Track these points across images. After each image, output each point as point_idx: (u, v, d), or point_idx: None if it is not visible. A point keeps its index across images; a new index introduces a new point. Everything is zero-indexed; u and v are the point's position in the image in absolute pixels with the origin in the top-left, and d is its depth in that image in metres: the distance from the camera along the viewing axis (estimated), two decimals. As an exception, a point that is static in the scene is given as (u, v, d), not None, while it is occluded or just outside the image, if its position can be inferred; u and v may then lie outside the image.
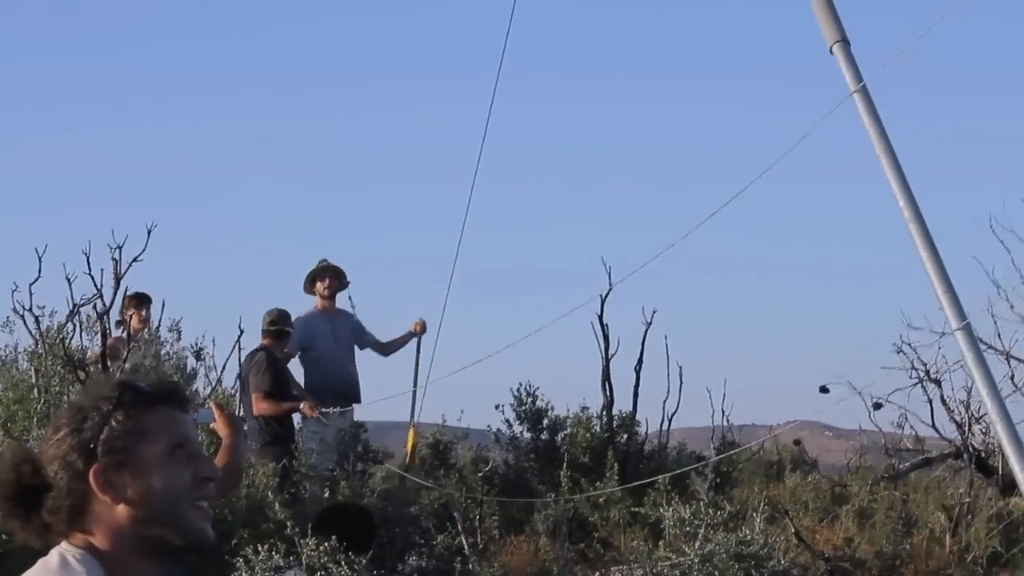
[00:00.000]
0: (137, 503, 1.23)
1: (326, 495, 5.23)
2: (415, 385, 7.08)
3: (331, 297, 7.18)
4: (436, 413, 7.35)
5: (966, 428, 7.55)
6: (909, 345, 7.90)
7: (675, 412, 7.24)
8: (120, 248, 5.31)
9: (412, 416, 7.08)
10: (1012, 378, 7.90)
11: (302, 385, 6.87)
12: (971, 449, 7.46)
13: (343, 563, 3.65)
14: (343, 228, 50.95)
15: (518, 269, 49.11)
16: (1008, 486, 6.31)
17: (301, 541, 3.52)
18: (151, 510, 1.23)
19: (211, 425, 3.98)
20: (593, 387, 7.16)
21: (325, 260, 7.30)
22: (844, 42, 4.13)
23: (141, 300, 6.74)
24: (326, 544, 3.58)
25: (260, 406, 6.08)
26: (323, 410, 6.36)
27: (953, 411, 7.71)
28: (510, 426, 6.94)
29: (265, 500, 4.33)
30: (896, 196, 3.84)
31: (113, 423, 1.25)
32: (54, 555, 1.23)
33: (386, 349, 7.50)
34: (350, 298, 7.42)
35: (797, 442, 9.46)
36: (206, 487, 1.30)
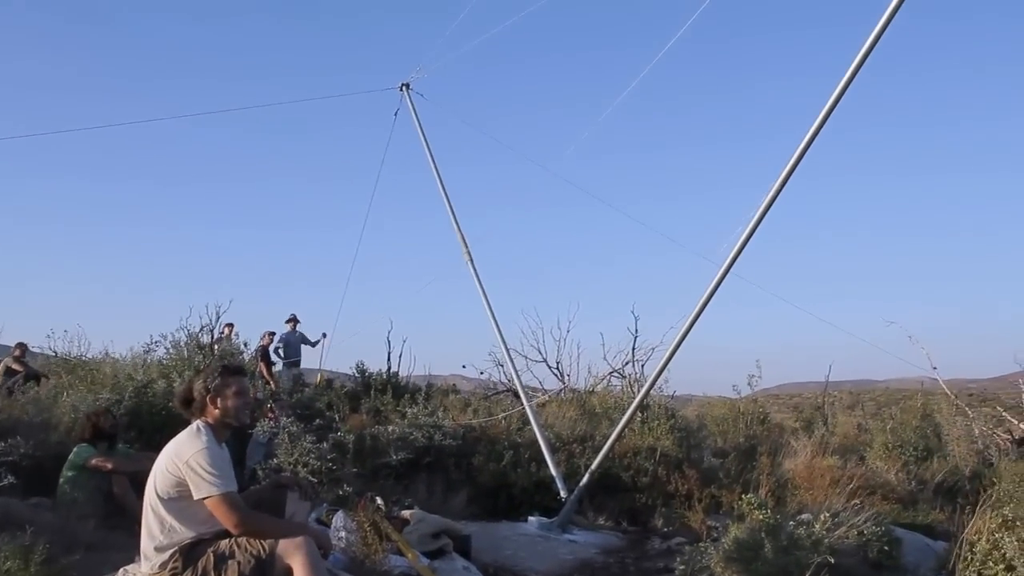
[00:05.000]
0: (223, 409, 4.17)
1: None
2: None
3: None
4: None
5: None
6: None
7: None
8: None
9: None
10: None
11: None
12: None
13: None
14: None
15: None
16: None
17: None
18: (227, 412, 4.18)
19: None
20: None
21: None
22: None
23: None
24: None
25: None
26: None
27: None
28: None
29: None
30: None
31: (218, 380, 4.18)
32: (194, 424, 4.14)
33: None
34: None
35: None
36: (248, 406, 4.30)
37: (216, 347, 13.68)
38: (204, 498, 3.86)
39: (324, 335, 17.01)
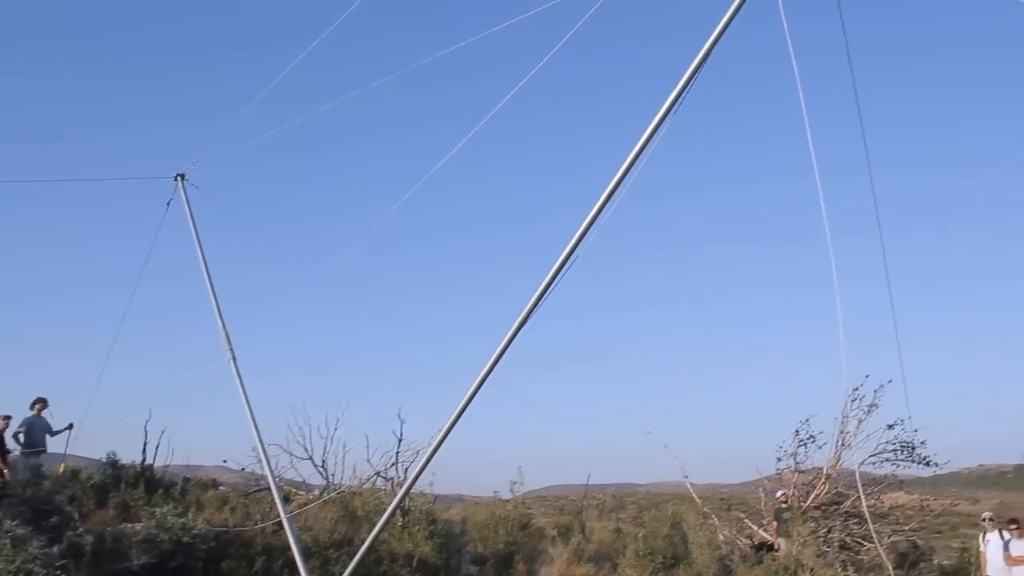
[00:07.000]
0: None
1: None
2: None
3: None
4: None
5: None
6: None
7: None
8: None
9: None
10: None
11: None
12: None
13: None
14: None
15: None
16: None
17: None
18: None
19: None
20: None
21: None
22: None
23: None
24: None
25: None
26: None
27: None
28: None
29: None
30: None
31: None
32: None
33: None
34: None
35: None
36: None
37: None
38: None
39: (71, 426, 15.81)
